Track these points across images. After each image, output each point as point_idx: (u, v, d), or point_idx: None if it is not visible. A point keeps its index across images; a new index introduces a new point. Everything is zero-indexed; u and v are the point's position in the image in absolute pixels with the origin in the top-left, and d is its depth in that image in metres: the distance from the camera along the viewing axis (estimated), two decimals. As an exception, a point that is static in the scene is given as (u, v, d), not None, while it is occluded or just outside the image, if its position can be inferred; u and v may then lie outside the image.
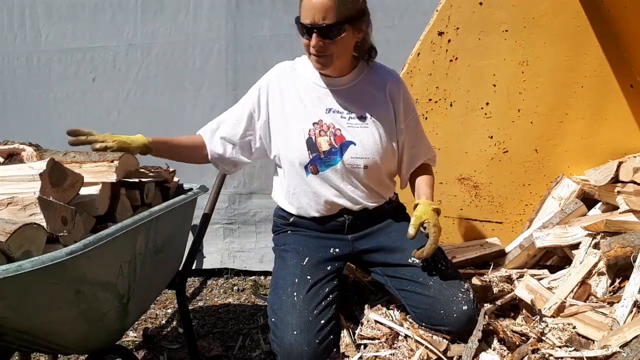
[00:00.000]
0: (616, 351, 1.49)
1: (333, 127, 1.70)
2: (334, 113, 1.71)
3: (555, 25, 2.20)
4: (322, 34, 1.56)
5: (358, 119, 1.71)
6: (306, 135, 1.70)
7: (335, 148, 1.69)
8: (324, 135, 1.70)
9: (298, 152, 1.71)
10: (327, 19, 1.53)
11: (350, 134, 1.70)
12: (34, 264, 1.15)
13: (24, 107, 3.13)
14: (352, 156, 1.69)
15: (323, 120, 1.71)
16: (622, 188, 2.01)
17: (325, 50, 1.59)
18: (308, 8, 1.54)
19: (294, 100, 1.74)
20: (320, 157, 1.70)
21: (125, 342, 2.35)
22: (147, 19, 2.95)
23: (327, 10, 1.53)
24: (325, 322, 1.57)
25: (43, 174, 1.38)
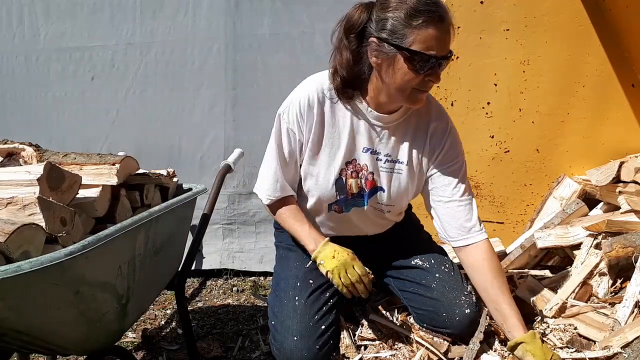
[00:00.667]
0: (617, 352, 1.48)
1: (367, 170, 1.55)
2: (372, 154, 1.54)
3: (556, 24, 2.20)
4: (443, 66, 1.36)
5: (393, 162, 1.56)
6: (337, 175, 1.55)
7: (364, 192, 1.58)
8: (355, 178, 1.56)
9: (325, 191, 1.57)
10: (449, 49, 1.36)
11: (382, 180, 1.57)
12: (33, 265, 1.14)
13: (23, 106, 3.12)
14: (378, 202, 1.61)
15: (358, 160, 1.54)
16: (624, 188, 2.01)
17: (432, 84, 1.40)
18: (437, 37, 1.30)
19: (331, 131, 1.52)
20: (347, 198, 1.59)
21: (124, 343, 2.34)
22: (146, 18, 2.94)
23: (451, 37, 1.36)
24: (325, 327, 1.56)
25: (41, 179, 1.36)
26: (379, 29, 1.35)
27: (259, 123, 2.86)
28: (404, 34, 1.31)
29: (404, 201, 1.64)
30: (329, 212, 1.63)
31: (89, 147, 2.93)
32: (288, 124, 1.52)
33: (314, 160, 1.56)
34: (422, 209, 2.39)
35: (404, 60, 1.33)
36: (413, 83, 1.36)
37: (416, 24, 1.30)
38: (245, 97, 2.88)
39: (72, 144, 2.86)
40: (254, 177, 2.97)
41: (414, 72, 1.34)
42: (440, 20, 1.31)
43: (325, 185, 1.57)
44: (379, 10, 1.36)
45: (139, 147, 2.93)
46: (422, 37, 1.30)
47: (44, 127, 3.08)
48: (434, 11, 1.30)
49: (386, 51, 1.35)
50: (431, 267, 1.67)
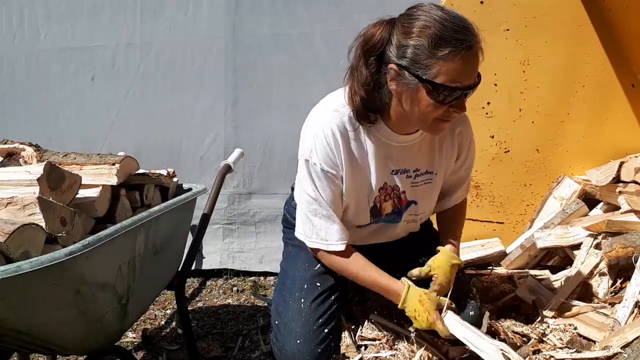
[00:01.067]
0: (617, 352, 1.49)
1: (398, 190, 1.51)
2: (400, 174, 1.49)
3: (556, 24, 2.20)
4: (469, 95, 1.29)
5: (424, 174, 1.52)
6: (371, 203, 1.51)
7: (398, 209, 1.56)
8: (388, 200, 1.52)
9: (359, 218, 1.54)
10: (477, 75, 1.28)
11: (414, 195, 1.54)
12: (33, 265, 1.14)
13: (23, 106, 3.12)
14: (411, 214, 1.59)
15: (388, 183, 1.50)
16: (624, 188, 2.01)
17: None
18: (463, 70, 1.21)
19: (358, 161, 1.44)
20: (382, 218, 1.57)
21: (124, 343, 2.34)
22: (146, 18, 2.94)
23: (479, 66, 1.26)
24: (328, 331, 1.55)
25: (41, 179, 1.36)
26: (399, 56, 1.25)
27: (259, 123, 2.86)
28: (427, 65, 1.21)
29: (432, 203, 1.64)
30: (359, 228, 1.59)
31: (89, 147, 2.93)
32: (321, 165, 1.41)
33: (349, 190, 1.47)
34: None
35: (427, 93, 1.24)
36: (435, 114, 1.28)
37: (441, 55, 1.19)
38: (245, 97, 2.88)
39: (72, 144, 2.85)
40: (254, 177, 2.98)
41: (436, 104, 1.26)
42: (469, 49, 1.20)
43: (360, 213, 1.52)
44: (400, 35, 1.26)
45: (139, 147, 2.93)
46: (448, 69, 1.20)
47: (44, 127, 3.08)
48: (462, 40, 1.19)
49: (406, 81, 1.26)
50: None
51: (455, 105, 1.27)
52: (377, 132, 1.42)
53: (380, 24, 1.31)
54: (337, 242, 1.48)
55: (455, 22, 1.21)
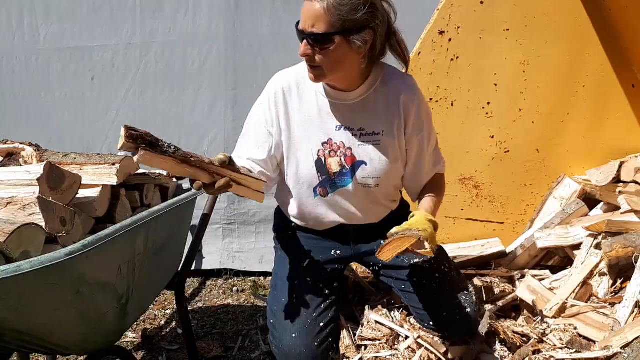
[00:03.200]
0: (617, 352, 1.48)
1: (344, 147, 1.56)
2: (345, 130, 1.56)
3: (556, 24, 2.20)
4: (310, 43, 1.42)
5: (370, 135, 1.57)
6: (315, 156, 1.57)
7: (346, 169, 1.57)
8: (334, 156, 1.57)
9: (306, 174, 1.59)
10: (315, 27, 1.40)
11: (362, 154, 1.57)
12: (33, 265, 1.14)
13: (23, 106, 3.12)
14: (363, 176, 1.58)
15: (333, 139, 1.56)
16: (624, 188, 2.01)
17: (312, 60, 1.45)
18: (302, 12, 1.42)
19: (301, 117, 1.57)
20: (330, 178, 1.59)
21: (124, 343, 2.34)
22: (146, 18, 2.94)
23: (317, 19, 1.39)
24: (324, 324, 1.56)
25: (41, 178, 1.37)
26: None
27: (259, 123, 2.85)
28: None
29: (390, 174, 1.61)
30: (315, 197, 1.62)
31: (89, 147, 2.93)
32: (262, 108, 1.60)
33: (291, 148, 1.59)
34: (422, 209, 2.39)
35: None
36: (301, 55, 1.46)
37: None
38: (245, 97, 2.88)
39: (72, 144, 2.86)
40: (254, 177, 2.97)
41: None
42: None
43: (306, 169, 1.59)
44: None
45: (139, 147, 2.92)
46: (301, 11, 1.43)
47: (44, 127, 3.08)
48: None
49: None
50: (430, 267, 1.67)
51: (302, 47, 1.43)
52: (321, 88, 1.57)
53: None
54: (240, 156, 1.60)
55: None
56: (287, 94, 1.58)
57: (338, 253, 1.73)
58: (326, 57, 1.44)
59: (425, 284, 1.64)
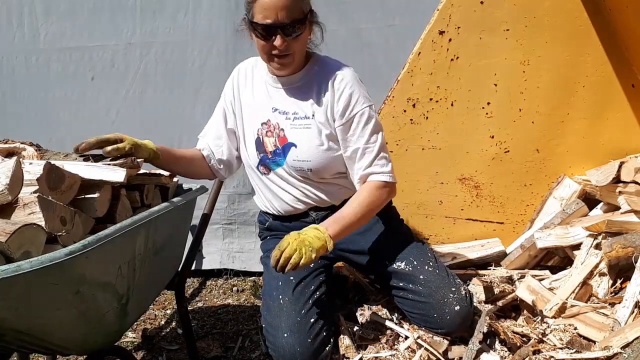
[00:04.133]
0: (617, 352, 1.48)
1: (278, 128, 1.68)
2: (280, 113, 1.68)
3: (556, 24, 2.20)
4: (286, 33, 1.50)
5: (302, 119, 1.66)
6: (255, 135, 1.72)
7: (279, 149, 1.68)
8: (270, 136, 1.69)
9: (249, 152, 1.73)
10: (289, 16, 1.49)
11: (292, 136, 1.66)
12: (33, 265, 1.14)
13: (23, 106, 3.12)
14: (293, 159, 1.66)
15: (271, 120, 1.69)
16: (624, 188, 2.01)
17: (288, 50, 1.54)
18: (268, 7, 1.48)
19: (249, 100, 1.74)
20: (268, 157, 1.70)
21: (124, 343, 2.34)
22: (146, 18, 2.94)
23: (289, 8, 1.48)
24: (314, 320, 1.57)
25: (40, 179, 1.36)
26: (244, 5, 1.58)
27: (259, 123, 2.85)
28: (249, 9, 1.53)
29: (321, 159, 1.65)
30: (261, 175, 1.75)
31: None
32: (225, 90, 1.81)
33: (240, 125, 1.76)
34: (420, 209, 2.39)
35: (252, 31, 1.55)
36: (265, 50, 1.55)
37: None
38: (245, 97, 2.88)
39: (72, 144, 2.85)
40: (254, 177, 2.97)
41: (261, 40, 1.53)
42: None
43: (250, 148, 1.73)
44: None
45: (139, 147, 2.92)
46: (257, 8, 1.50)
47: (44, 127, 3.07)
48: None
49: (244, 26, 1.59)
50: (414, 269, 1.66)
51: (274, 41, 1.51)
52: (263, 73, 1.72)
53: None
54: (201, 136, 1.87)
55: None
56: (243, 77, 1.77)
57: None
58: (298, 43, 1.55)
59: (411, 288, 1.64)
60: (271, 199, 1.79)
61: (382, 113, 2.30)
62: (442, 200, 2.40)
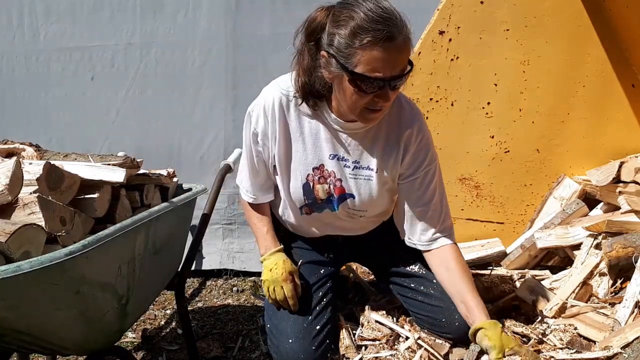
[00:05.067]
0: (617, 352, 1.48)
1: (334, 176, 1.51)
2: (339, 160, 1.50)
3: (556, 24, 2.20)
4: (394, 88, 1.28)
5: (364, 170, 1.50)
6: (304, 180, 1.53)
7: (333, 197, 1.54)
8: (323, 183, 1.52)
9: (294, 192, 1.56)
10: (403, 68, 1.27)
11: (351, 187, 1.52)
12: (33, 265, 1.14)
13: (23, 106, 3.12)
14: (349, 207, 1.56)
15: (325, 166, 1.51)
16: (624, 188, 2.00)
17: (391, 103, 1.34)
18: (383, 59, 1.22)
19: (296, 136, 1.50)
20: (317, 202, 1.56)
21: (124, 343, 2.34)
22: (146, 18, 2.94)
23: (405, 58, 1.27)
24: (320, 327, 1.55)
25: (40, 178, 1.36)
26: (328, 44, 1.29)
27: (259, 123, 2.85)
28: (349, 54, 1.25)
29: (377, 207, 1.58)
30: (301, 215, 1.61)
31: (89, 147, 2.93)
32: (255, 126, 1.52)
33: (282, 163, 1.53)
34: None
35: (349, 81, 1.28)
36: (361, 103, 1.31)
37: (360, 45, 1.22)
38: (245, 97, 2.87)
39: (72, 144, 2.85)
40: (254, 177, 2.97)
41: (360, 93, 1.28)
42: (389, 39, 1.21)
43: (293, 188, 1.55)
44: (331, 23, 1.29)
45: (139, 147, 2.92)
46: (367, 58, 1.23)
47: (44, 127, 3.08)
48: (381, 30, 1.21)
49: (334, 68, 1.30)
50: (427, 273, 1.65)
51: (379, 96, 1.28)
52: (321, 114, 1.47)
53: (322, 9, 1.33)
54: (246, 192, 1.66)
55: (379, 12, 1.23)
56: (285, 108, 1.48)
57: (331, 256, 1.73)
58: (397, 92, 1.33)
59: (423, 291, 1.64)
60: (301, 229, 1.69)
61: (382, 113, 2.30)
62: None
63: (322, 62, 1.33)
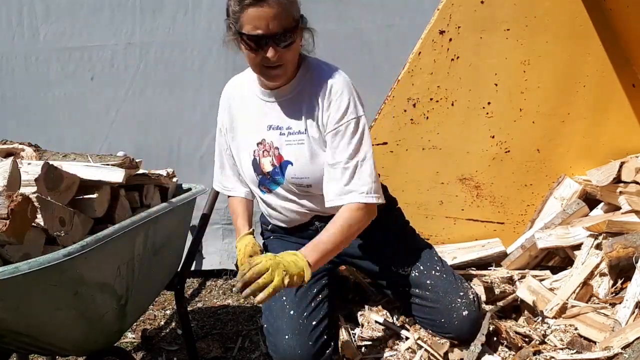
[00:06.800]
0: (618, 352, 1.48)
1: (273, 146, 1.60)
2: (274, 130, 1.59)
3: (557, 24, 2.19)
4: (278, 43, 1.41)
5: (296, 134, 1.57)
6: (251, 156, 1.64)
7: (277, 168, 1.60)
8: (267, 156, 1.61)
9: (247, 173, 1.67)
10: (280, 25, 1.40)
11: (288, 153, 1.58)
12: (31, 266, 1.14)
13: (22, 106, 3.12)
14: (292, 176, 1.59)
15: (266, 139, 1.61)
16: (624, 188, 2.00)
17: (280, 60, 1.45)
18: (258, 16, 1.38)
19: (243, 120, 1.66)
20: (266, 178, 1.64)
21: (124, 344, 2.33)
22: (146, 17, 2.94)
23: (281, 16, 1.39)
24: (316, 322, 1.55)
25: (38, 179, 1.36)
26: (227, 14, 1.46)
27: (258, 123, 2.85)
28: (236, 19, 1.42)
29: (316, 174, 1.57)
30: (263, 194, 1.70)
31: (89, 147, 2.93)
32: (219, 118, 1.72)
33: (235, 147, 1.68)
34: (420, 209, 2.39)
35: (241, 42, 1.44)
36: (257, 61, 1.45)
37: (239, 8, 1.39)
38: (245, 97, 2.88)
39: (71, 144, 2.85)
40: (253, 177, 2.97)
41: (252, 52, 1.43)
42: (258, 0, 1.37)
43: (247, 168, 1.66)
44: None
45: (139, 147, 2.92)
46: (246, 18, 1.39)
47: (44, 127, 3.07)
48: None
49: (232, 36, 1.47)
50: (421, 275, 1.64)
51: (267, 51, 1.41)
52: (255, 88, 1.62)
53: None
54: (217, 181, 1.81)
55: None
56: (232, 98, 1.68)
57: None
58: (290, 52, 1.46)
59: (419, 293, 1.63)
60: (273, 214, 1.75)
61: (382, 113, 2.29)
62: (442, 201, 2.39)
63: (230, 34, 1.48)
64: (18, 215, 1.20)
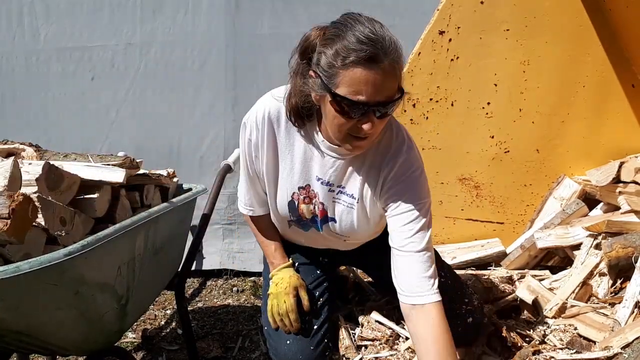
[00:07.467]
0: (617, 352, 1.48)
1: (318, 199, 1.46)
2: (324, 185, 1.44)
3: (556, 24, 2.20)
4: (379, 115, 1.19)
5: (347, 196, 1.44)
6: (289, 197, 1.48)
7: (317, 218, 1.50)
8: (308, 204, 1.47)
9: (280, 209, 1.52)
10: (388, 95, 1.17)
11: (334, 212, 1.47)
12: (32, 265, 1.14)
13: (23, 106, 3.12)
14: (332, 230, 1.51)
15: (312, 186, 1.45)
16: (624, 188, 2.01)
17: (374, 132, 1.23)
18: (365, 80, 1.14)
19: (284, 154, 1.44)
20: (301, 220, 1.52)
21: (124, 343, 2.33)
22: (146, 17, 2.94)
23: (390, 84, 1.17)
24: (318, 326, 1.55)
25: (39, 179, 1.36)
26: (316, 63, 1.23)
27: (258, 123, 2.85)
28: (332, 74, 1.17)
29: (359, 235, 1.52)
30: (290, 227, 1.58)
31: (89, 147, 2.93)
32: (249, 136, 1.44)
33: (270, 178, 1.48)
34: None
35: (330, 103, 1.20)
36: (344, 128, 1.23)
37: (342, 64, 1.15)
38: (245, 97, 2.88)
39: (72, 144, 2.85)
40: (253, 177, 2.97)
41: (342, 117, 1.20)
42: (372, 60, 1.13)
43: (280, 204, 1.51)
44: (321, 41, 1.22)
45: (139, 147, 2.92)
46: (348, 79, 1.15)
47: (44, 127, 3.07)
48: (365, 50, 1.12)
49: (318, 89, 1.22)
50: None
51: (363, 122, 1.20)
52: (308, 134, 1.40)
53: (317, 28, 1.26)
54: (243, 205, 1.59)
55: (366, 33, 1.14)
56: (275, 122, 1.41)
57: (326, 260, 1.72)
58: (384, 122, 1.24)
59: None
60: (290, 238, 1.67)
61: (382, 113, 2.30)
62: (442, 201, 2.40)
63: (309, 82, 1.25)
64: (19, 215, 1.20)
